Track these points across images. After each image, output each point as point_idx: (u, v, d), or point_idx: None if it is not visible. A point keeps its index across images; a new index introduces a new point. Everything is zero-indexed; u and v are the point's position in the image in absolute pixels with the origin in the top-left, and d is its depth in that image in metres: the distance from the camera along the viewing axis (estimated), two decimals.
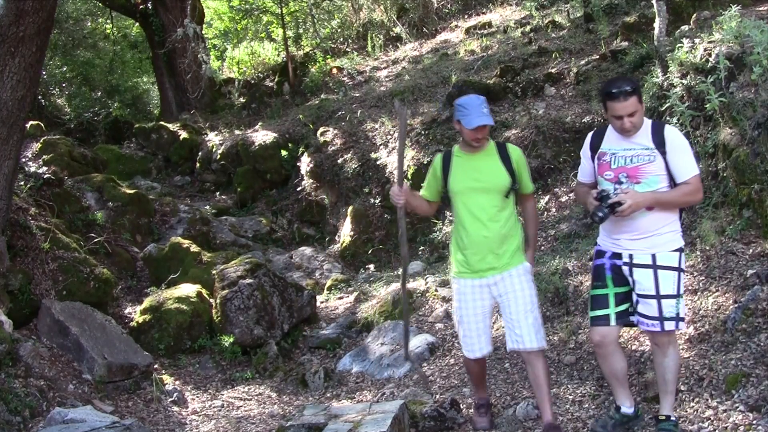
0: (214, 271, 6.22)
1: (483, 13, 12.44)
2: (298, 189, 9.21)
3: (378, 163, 8.23)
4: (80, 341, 4.82)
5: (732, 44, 5.26)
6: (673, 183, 3.22)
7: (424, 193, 3.80)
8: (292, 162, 9.68)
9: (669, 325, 3.20)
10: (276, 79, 12.69)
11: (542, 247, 6.06)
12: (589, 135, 3.48)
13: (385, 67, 11.59)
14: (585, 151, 3.44)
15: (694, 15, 7.07)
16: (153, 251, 6.74)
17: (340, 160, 8.67)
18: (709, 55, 5.42)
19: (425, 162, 7.73)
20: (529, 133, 7.25)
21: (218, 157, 10.20)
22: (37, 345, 4.72)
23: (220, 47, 16.27)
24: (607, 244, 3.37)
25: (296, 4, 13.85)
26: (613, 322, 3.34)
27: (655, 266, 3.21)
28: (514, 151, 3.62)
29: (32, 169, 6.88)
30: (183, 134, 11.04)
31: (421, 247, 7.41)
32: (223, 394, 5.11)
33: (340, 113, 9.70)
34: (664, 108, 5.61)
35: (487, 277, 3.57)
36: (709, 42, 5.61)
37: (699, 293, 4.27)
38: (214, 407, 4.89)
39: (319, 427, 3.67)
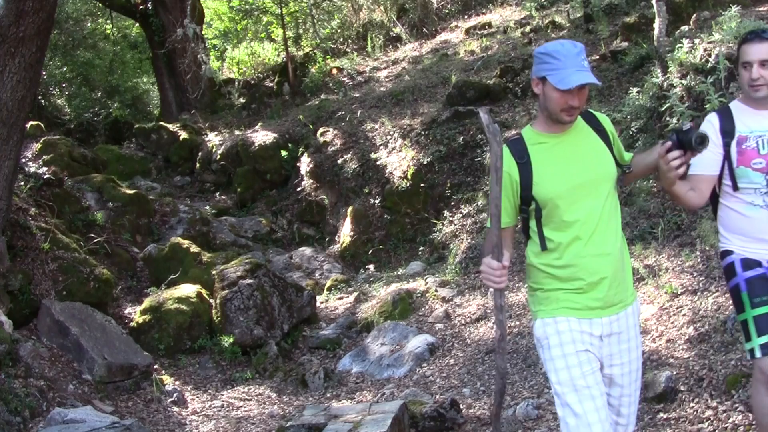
0: (214, 272, 6.22)
1: (483, 13, 12.44)
2: (298, 189, 9.21)
3: (378, 163, 8.23)
4: (80, 341, 4.82)
5: (732, 44, 5.26)
6: None
7: (503, 223, 2.39)
8: (292, 162, 9.68)
9: None
10: (276, 80, 12.69)
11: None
12: (713, 118, 2.66)
13: (385, 68, 11.59)
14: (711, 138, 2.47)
15: (694, 15, 7.08)
16: (153, 251, 6.73)
17: (340, 161, 8.67)
18: (709, 55, 5.42)
19: (425, 162, 7.74)
20: None
21: (218, 157, 10.20)
22: (37, 345, 4.72)
23: (220, 47, 16.26)
24: (754, 250, 2.61)
25: (296, 4, 13.85)
26: None
27: None
28: (606, 121, 2.52)
29: (32, 170, 6.88)
30: (183, 134, 11.04)
31: (421, 248, 7.41)
32: (223, 395, 5.11)
33: (340, 113, 9.70)
34: (663, 108, 5.61)
35: (601, 320, 2.37)
36: (709, 42, 5.61)
37: (699, 293, 4.27)
38: (214, 407, 4.89)
39: (319, 427, 3.67)
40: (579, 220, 2.35)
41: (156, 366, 5.22)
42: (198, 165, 10.52)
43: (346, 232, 8.12)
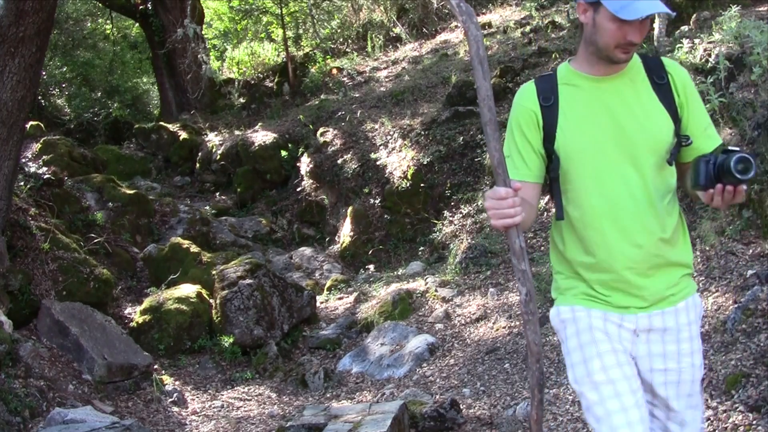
0: (214, 272, 6.22)
1: (483, 13, 12.44)
2: (298, 189, 9.21)
3: (378, 163, 8.23)
4: (80, 341, 4.82)
5: (732, 44, 5.27)
6: None
7: (519, 174, 1.90)
8: (292, 162, 9.68)
9: None
10: (276, 80, 12.69)
11: (542, 248, 6.07)
12: None
13: (385, 68, 11.59)
14: None
15: (694, 15, 7.08)
16: (153, 251, 6.73)
17: (339, 161, 8.67)
18: (709, 55, 5.42)
19: (425, 162, 7.74)
20: None
21: (218, 157, 10.20)
22: (37, 345, 4.72)
23: (220, 47, 16.26)
24: None
25: (296, 4, 13.85)
26: None
27: None
28: (678, 73, 1.91)
29: (32, 170, 6.88)
30: (183, 135, 11.04)
31: (421, 248, 7.41)
32: (222, 395, 5.11)
33: (339, 113, 9.70)
34: None
35: (639, 315, 1.90)
36: (709, 42, 5.61)
37: (699, 293, 4.27)
38: (214, 407, 4.89)
39: (318, 427, 3.68)
40: (606, 193, 1.82)
41: (156, 366, 5.22)
42: (198, 165, 10.52)
43: (346, 232, 8.12)
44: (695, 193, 1.82)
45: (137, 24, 13.94)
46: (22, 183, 6.26)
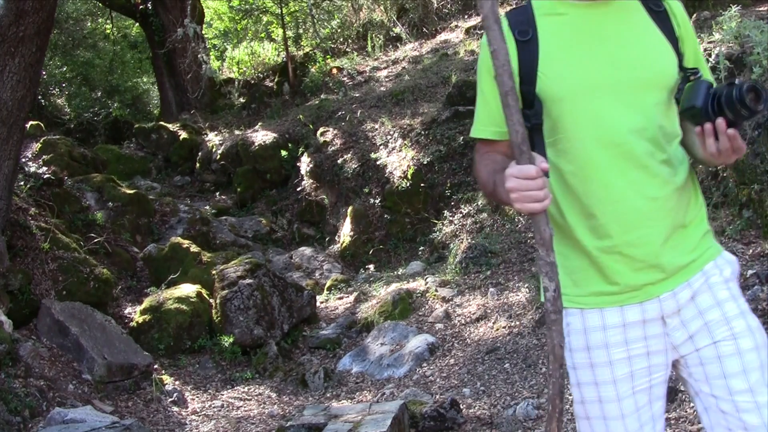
0: (214, 271, 6.22)
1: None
2: (298, 189, 9.21)
3: (378, 163, 8.23)
4: (80, 341, 4.82)
5: (732, 44, 5.27)
6: None
7: (484, 130, 1.64)
8: (292, 162, 9.68)
9: None
10: (276, 79, 12.69)
11: None
12: None
13: (385, 68, 11.59)
14: None
15: (694, 15, 7.07)
16: (153, 251, 6.74)
17: (340, 161, 8.67)
18: (709, 55, 5.42)
19: (425, 162, 7.74)
20: None
21: (218, 157, 10.20)
22: (37, 345, 4.72)
23: (220, 47, 16.26)
24: None
25: (296, 4, 13.85)
26: None
27: None
28: (675, 2, 1.65)
29: (32, 169, 6.88)
30: (183, 134, 11.04)
31: (421, 248, 7.41)
32: (222, 395, 5.11)
33: (340, 113, 9.70)
34: None
35: (661, 296, 1.57)
36: (709, 42, 5.61)
37: None
38: (214, 407, 4.89)
39: (318, 427, 3.67)
40: (606, 138, 1.52)
41: (156, 366, 5.22)
42: (198, 165, 10.52)
43: (346, 232, 8.12)
44: (684, 125, 1.55)
45: (137, 24, 13.94)
46: (22, 183, 6.26)
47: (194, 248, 6.83)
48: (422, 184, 7.69)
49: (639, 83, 1.54)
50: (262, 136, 10.06)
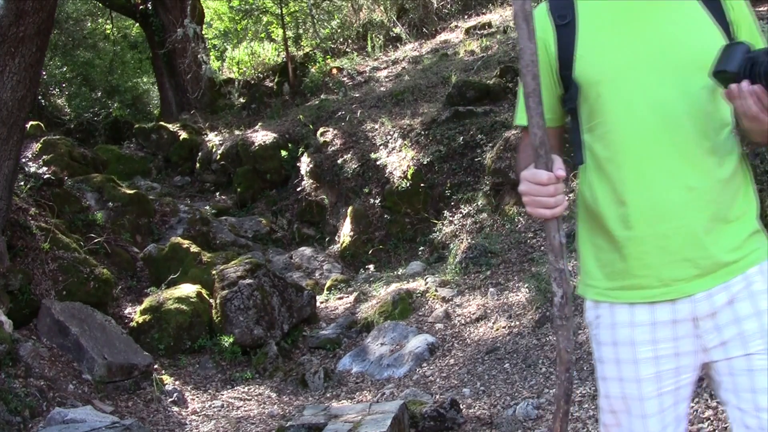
0: (214, 272, 6.22)
1: (483, 13, 12.44)
2: (298, 189, 9.21)
3: (378, 163, 8.23)
4: (80, 341, 4.82)
5: None
6: None
7: (524, 117, 1.46)
8: (292, 162, 9.69)
9: None
10: (276, 80, 12.70)
11: (542, 247, 6.07)
12: None
13: (384, 68, 11.59)
14: None
15: None
16: (153, 251, 6.74)
17: (339, 161, 8.67)
18: None
19: (425, 162, 7.74)
20: None
21: (218, 157, 10.20)
22: (37, 345, 4.72)
23: (220, 47, 16.26)
24: None
25: (296, 4, 13.86)
26: None
27: None
28: None
29: (32, 170, 6.88)
30: (183, 134, 11.05)
31: (421, 248, 7.41)
32: (222, 394, 5.11)
33: (339, 113, 9.70)
34: None
35: (695, 296, 1.48)
36: None
37: None
38: (214, 407, 4.89)
39: (318, 427, 3.68)
40: (643, 123, 1.44)
41: (156, 366, 5.22)
42: (198, 165, 10.53)
43: (346, 232, 8.12)
44: (715, 82, 1.40)
45: (137, 24, 13.94)
46: (22, 183, 6.26)
47: (194, 248, 6.83)
48: (422, 184, 7.69)
49: (683, 66, 1.44)
50: (262, 136, 10.06)
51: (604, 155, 1.50)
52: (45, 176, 6.74)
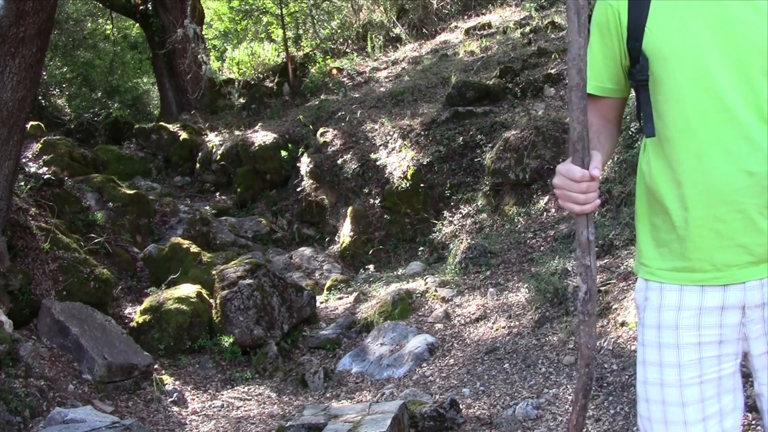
0: (214, 272, 6.22)
1: (483, 13, 12.45)
2: (298, 189, 9.22)
3: (378, 163, 8.24)
4: (80, 341, 4.82)
5: None
6: None
7: (595, 87, 1.58)
8: (292, 162, 9.69)
9: None
10: (276, 80, 12.70)
11: (542, 248, 6.07)
12: None
13: (384, 68, 11.60)
14: None
15: None
16: (153, 251, 6.74)
17: (339, 161, 8.68)
18: None
19: (425, 162, 7.75)
20: (529, 134, 7.25)
21: (218, 157, 10.21)
22: (37, 345, 4.72)
23: (220, 48, 16.27)
24: None
25: (296, 4, 13.86)
26: None
27: None
28: None
29: (32, 170, 6.88)
30: (183, 135, 11.05)
31: (421, 248, 7.42)
32: (222, 395, 5.12)
33: (339, 114, 9.71)
34: None
35: (747, 283, 1.47)
36: None
37: None
38: (214, 407, 4.90)
39: (318, 427, 3.68)
40: (704, 104, 1.43)
41: (156, 366, 5.22)
42: (198, 165, 10.53)
43: (346, 232, 8.12)
44: None
45: (137, 24, 13.95)
46: (22, 183, 6.27)
47: (194, 248, 6.83)
48: (422, 185, 7.70)
49: (748, 48, 1.42)
50: (262, 136, 10.07)
51: (664, 134, 1.49)
52: (45, 176, 6.74)
